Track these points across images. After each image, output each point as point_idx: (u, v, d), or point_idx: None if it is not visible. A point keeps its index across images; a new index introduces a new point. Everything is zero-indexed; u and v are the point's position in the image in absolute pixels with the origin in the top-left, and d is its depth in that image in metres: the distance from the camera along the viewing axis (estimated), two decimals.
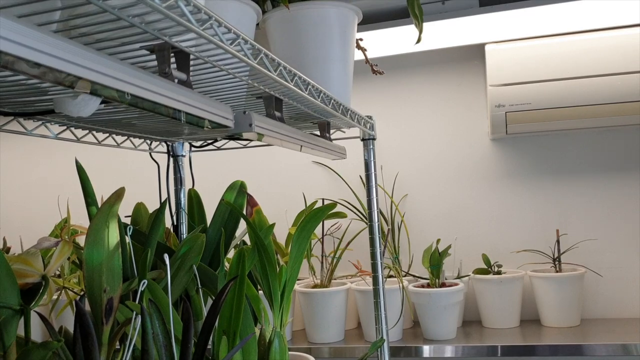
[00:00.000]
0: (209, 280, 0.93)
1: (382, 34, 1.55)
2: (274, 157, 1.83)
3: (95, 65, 0.42)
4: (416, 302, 1.50)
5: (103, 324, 0.71)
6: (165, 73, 0.54)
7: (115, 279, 0.72)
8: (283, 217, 1.72)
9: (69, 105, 0.60)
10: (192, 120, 0.58)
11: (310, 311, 1.51)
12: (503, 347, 1.38)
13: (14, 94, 0.66)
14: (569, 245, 1.60)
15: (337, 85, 0.97)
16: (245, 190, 1.05)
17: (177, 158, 1.15)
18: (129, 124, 0.89)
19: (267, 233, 0.96)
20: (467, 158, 1.70)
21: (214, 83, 0.74)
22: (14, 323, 0.67)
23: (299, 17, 0.92)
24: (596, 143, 1.62)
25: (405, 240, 1.71)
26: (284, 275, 0.94)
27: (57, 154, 2.03)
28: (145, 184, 1.14)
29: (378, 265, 1.16)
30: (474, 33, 1.55)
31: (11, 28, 0.34)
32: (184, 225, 1.10)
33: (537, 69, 1.50)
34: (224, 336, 0.77)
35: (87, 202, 0.87)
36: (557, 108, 1.49)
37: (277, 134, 0.77)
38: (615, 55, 1.46)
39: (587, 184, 1.62)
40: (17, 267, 0.71)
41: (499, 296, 1.52)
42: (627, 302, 1.58)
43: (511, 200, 1.67)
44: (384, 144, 1.76)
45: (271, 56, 0.66)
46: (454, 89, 1.72)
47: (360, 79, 1.71)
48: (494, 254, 1.63)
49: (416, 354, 1.43)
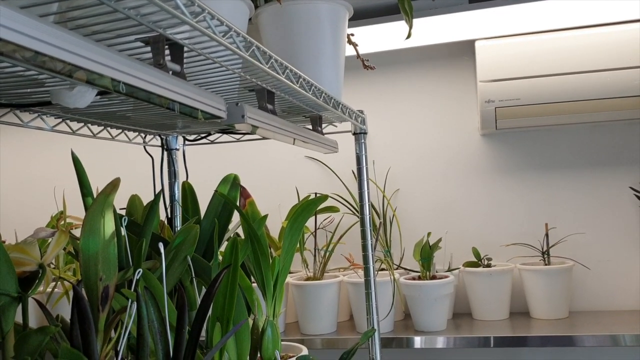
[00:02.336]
0: (203, 271, 0.95)
1: (373, 30, 1.57)
2: (266, 152, 1.85)
3: (92, 54, 0.44)
4: (407, 294, 1.52)
5: (99, 311, 0.72)
6: (160, 64, 0.56)
7: (111, 268, 0.73)
8: (276, 211, 1.74)
9: (66, 96, 0.62)
10: (186, 111, 0.59)
11: (303, 303, 1.52)
12: (496, 338, 1.40)
13: (10, 85, 0.68)
14: (558, 239, 1.62)
15: (328, 79, 0.98)
16: (238, 182, 1.07)
17: (171, 151, 1.16)
18: (123, 117, 0.90)
19: (260, 224, 0.97)
20: (457, 153, 1.73)
21: (208, 75, 0.75)
22: (12, 310, 0.68)
23: (291, 12, 0.94)
24: (585, 138, 1.65)
25: (396, 233, 1.73)
26: (277, 266, 0.96)
27: (51, 147, 2.03)
28: (139, 178, 1.15)
29: (369, 257, 1.18)
30: (464, 29, 1.57)
31: (13, 18, 0.36)
32: (178, 218, 1.12)
33: (527, 65, 1.52)
34: (217, 322, 0.79)
35: (82, 193, 0.88)
36: (546, 104, 1.52)
37: (270, 126, 0.78)
38: (603, 52, 1.48)
39: (575, 179, 1.65)
40: (15, 255, 0.72)
41: (489, 289, 1.54)
42: (615, 295, 1.61)
43: (501, 194, 1.69)
44: (376, 140, 1.78)
45: (263, 49, 0.68)
46: (444, 84, 1.74)
47: (352, 74, 1.73)
48: (484, 247, 1.66)
49: (407, 345, 1.45)
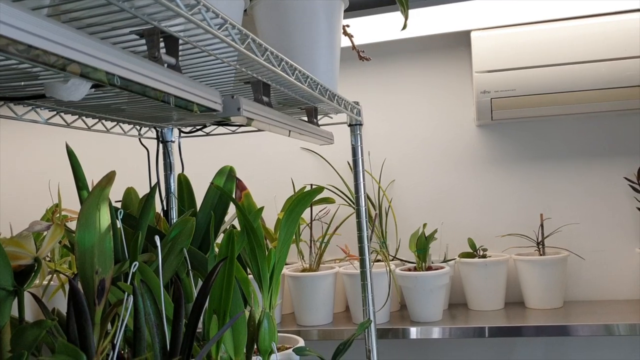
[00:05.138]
0: (199, 264, 0.95)
1: (368, 21, 1.56)
2: (262, 144, 1.85)
3: (86, 47, 0.44)
4: (403, 285, 1.52)
5: (95, 304, 0.72)
6: (155, 57, 0.55)
7: (106, 261, 0.73)
8: (272, 203, 1.74)
9: (60, 89, 0.61)
10: (181, 104, 0.59)
11: (299, 295, 1.53)
12: (491, 328, 1.41)
13: (4, 78, 0.67)
14: (553, 229, 1.63)
15: (324, 71, 0.98)
16: (234, 175, 1.07)
17: (166, 144, 1.16)
18: (118, 110, 0.90)
19: (256, 216, 0.97)
20: (453, 144, 1.73)
21: (203, 68, 0.75)
22: (8, 304, 0.68)
23: (286, 3, 0.93)
24: (580, 129, 1.65)
25: (392, 225, 1.73)
26: (273, 258, 0.96)
27: (45, 140, 2.02)
28: (134, 171, 1.15)
29: (365, 248, 1.18)
30: (459, 20, 1.57)
31: (5, 11, 0.36)
32: (174, 210, 1.12)
33: (523, 55, 1.52)
34: (214, 315, 0.79)
35: (78, 187, 0.88)
36: (542, 94, 1.52)
37: (266, 118, 0.78)
38: (600, 42, 1.48)
39: (571, 170, 1.66)
40: (10, 249, 0.72)
41: (484, 279, 1.55)
42: (609, 285, 1.62)
43: (496, 185, 1.70)
44: (371, 131, 1.78)
45: (258, 41, 0.67)
46: (440, 75, 1.74)
47: (348, 65, 1.73)
48: (479, 238, 1.66)
49: (403, 336, 1.46)
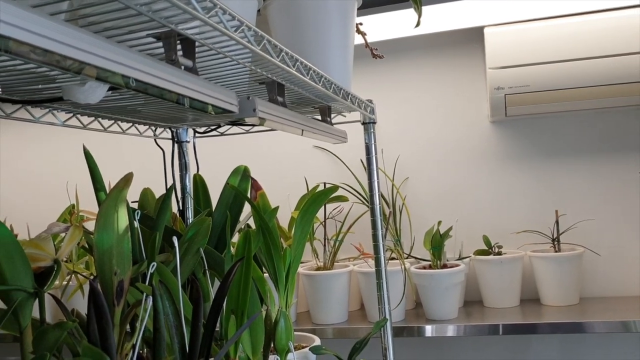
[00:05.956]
0: (216, 263, 0.95)
1: (381, 18, 1.56)
2: (275, 143, 1.85)
3: (104, 51, 0.44)
4: (418, 283, 1.52)
5: (114, 305, 0.73)
6: (172, 60, 0.55)
7: (125, 262, 0.74)
8: (286, 201, 1.74)
9: (77, 92, 0.62)
10: (197, 106, 0.59)
11: (314, 293, 1.53)
12: (505, 325, 1.40)
13: (22, 82, 0.68)
14: (568, 225, 1.62)
15: (337, 69, 0.98)
16: (249, 174, 1.07)
17: (181, 144, 1.16)
18: (134, 111, 0.91)
19: (271, 216, 0.98)
20: (467, 141, 1.72)
21: (218, 69, 0.75)
22: (29, 305, 0.69)
23: (300, 3, 0.93)
24: (595, 124, 1.64)
25: (406, 222, 1.73)
26: (288, 257, 0.96)
27: (61, 142, 2.04)
28: (149, 171, 1.16)
29: (380, 247, 1.18)
30: (473, 16, 1.56)
31: (24, 17, 0.36)
32: (190, 210, 1.12)
33: (536, 51, 1.51)
34: (232, 315, 0.79)
35: (95, 188, 0.89)
36: (556, 90, 1.50)
37: (280, 118, 0.78)
38: (614, 37, 1.47)
39: (585, 165, 1.64)
40: (30, 251, 0.73)
41: (500, 276, 1.54)
42: (625, 281, 1.61)
43: (511, 181, 1.69)
44: (385, 128, 1.77)
45: (273, 42, 0.68)
46: (453, 71, 1.73)
47: (361, 63, 1.72)
48: (494, 235, 1.65)
49: (419, 334, 1.46)
